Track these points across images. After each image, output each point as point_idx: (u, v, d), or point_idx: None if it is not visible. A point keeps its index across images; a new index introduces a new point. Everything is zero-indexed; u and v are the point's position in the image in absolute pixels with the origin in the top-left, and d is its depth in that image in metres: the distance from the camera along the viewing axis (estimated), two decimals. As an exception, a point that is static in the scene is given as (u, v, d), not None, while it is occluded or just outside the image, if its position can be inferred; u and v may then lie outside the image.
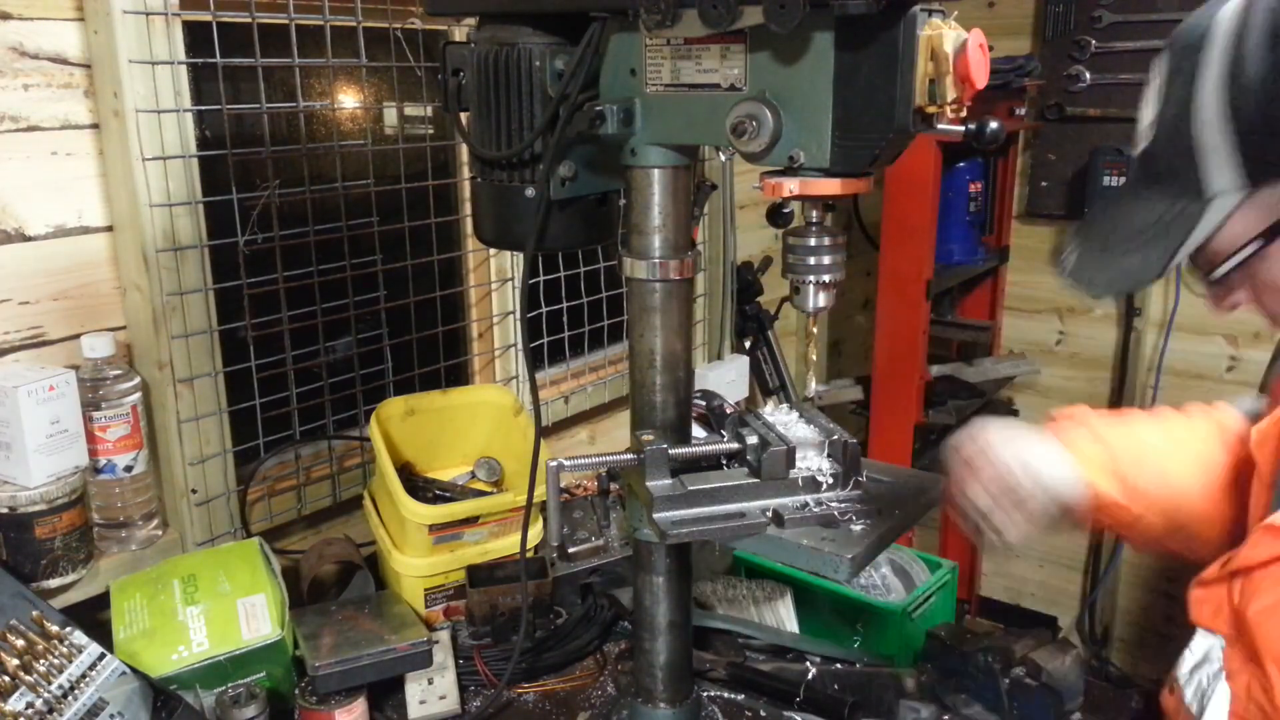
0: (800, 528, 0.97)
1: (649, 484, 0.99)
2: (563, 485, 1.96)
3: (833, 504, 1.00)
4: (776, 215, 1.09)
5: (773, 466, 1.00)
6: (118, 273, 1.46)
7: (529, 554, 1.52)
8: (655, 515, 0.97)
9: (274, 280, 1.60)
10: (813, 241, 0.99)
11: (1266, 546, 0.85)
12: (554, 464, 1.02)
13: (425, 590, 1.49)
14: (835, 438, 1.03)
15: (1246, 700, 0.86)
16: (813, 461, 1.02)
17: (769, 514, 0.98)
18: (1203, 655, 0.93)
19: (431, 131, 1.96)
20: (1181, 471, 1.14)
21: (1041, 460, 1.09)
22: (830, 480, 1.01)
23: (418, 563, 1.48)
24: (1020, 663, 1.31)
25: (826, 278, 1.00)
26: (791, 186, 0.92)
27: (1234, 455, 1.14)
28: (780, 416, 1.08)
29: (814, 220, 0.99)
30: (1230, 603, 0.89)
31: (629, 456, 1.02)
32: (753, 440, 1.02)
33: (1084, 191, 2.99)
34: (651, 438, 1.02)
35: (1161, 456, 1.15)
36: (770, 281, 2.67)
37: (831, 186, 0.92)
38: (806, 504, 1.00)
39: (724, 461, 1.05)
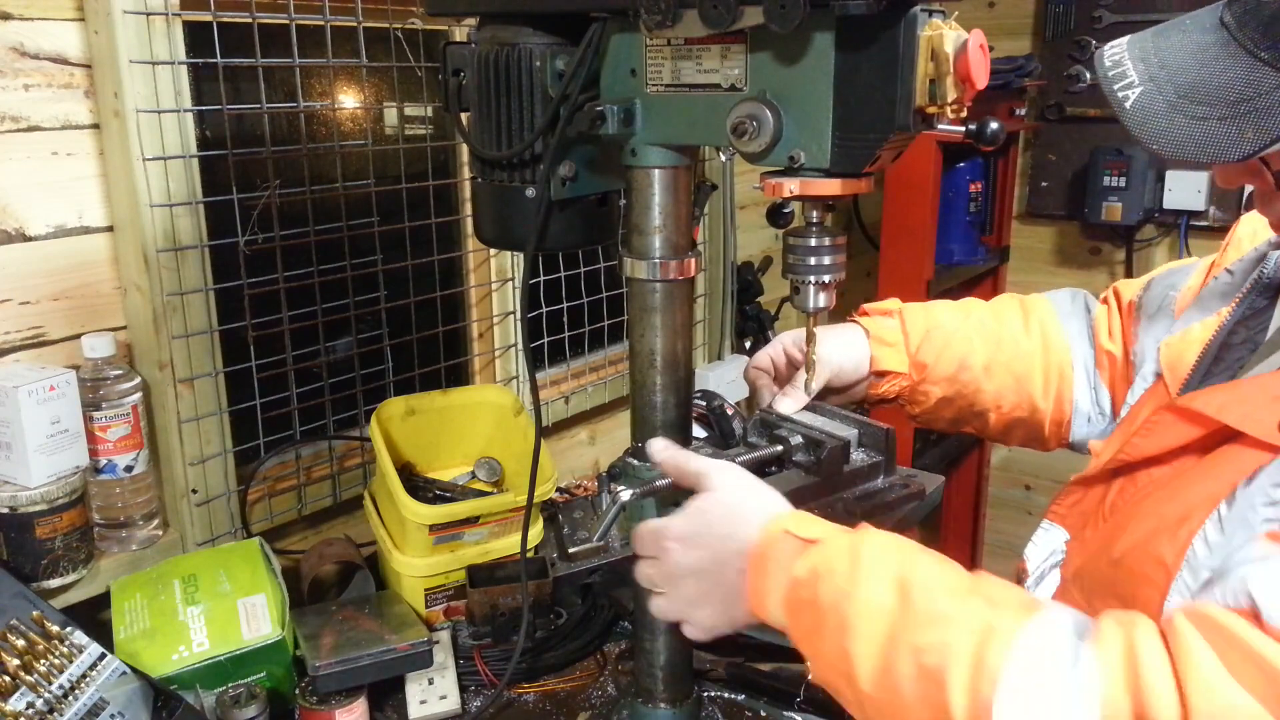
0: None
1: None
2: (562, 485, 1.97)
3: (885, 492, 1.01)
4: (777, 215, 1.09)
5: (832, 464, 1.00)
6: (118, 273, 1.46)
7: (529, 554, 1.52)
8: None
9: (274, 280, 1.60)
10: (813, 241, 0.99)
11: (1161, 435, 0.88)
12: (626, 495, 0.98)
13: (425, 590, 1.49)
14: (872, 429, 1.04)
15: (1064, 593, 0.93)
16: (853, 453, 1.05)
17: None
18: (1049, 549, 1.00)
19: (431, 131, 1.96)
20: (967, 347, 1.22)
21: (829, 337, 1.19)
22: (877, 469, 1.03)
23: (418, 563, 1.48)
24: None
25: (826, 278, 1.00)
26: (792, 186, 0.92)
27: (1041, 343, 1.24)
28: (801, 414, 1.09)
29: (814, 220, 0.99)
30: (1101, 498, 0.94)
31: None
32: (798, 440, 1.02)
33: (1084, 191, 3.00)
34: (710, 451, 1.02)
35: (950, 333, 1.23)
36: (770, 281, 2.67)
37: (831, 187, 0.92)
38: (863, 495, 1.01)
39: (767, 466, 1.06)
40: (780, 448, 1.03)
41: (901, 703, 0.75)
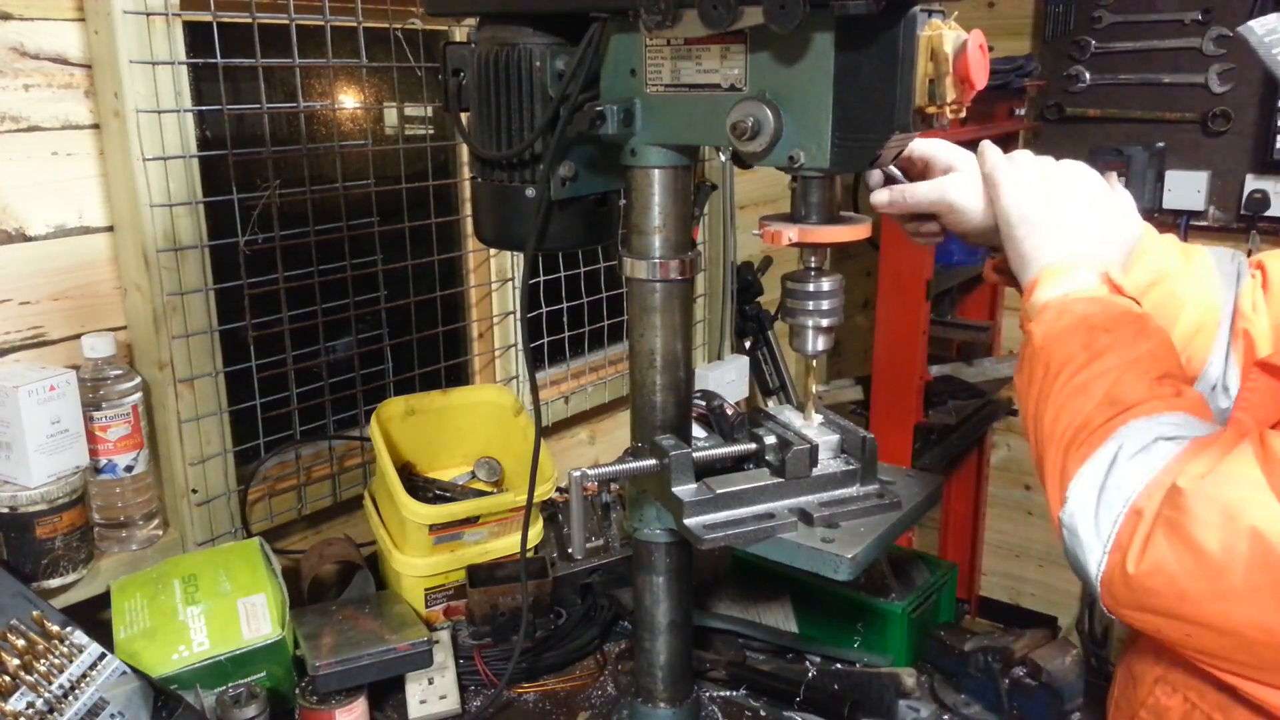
0: (829, 527, 0.98)
1: (676, 489, 0.99)
2: (562, 485, 1.97)
3: (856, 500, 1.00)
4: (738, 158, 1.07)
5: (796, 466, 1.00)
6: (118, 273, 1.46)
7: (529, 554, 1.52)
8: (687, 521, 0.97)
9: (274, 280, 1.60)
10: (811, 286, 0.99)
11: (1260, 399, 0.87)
12: (578, 473, 1.01)
13: (425, 590, 1.49)
14: (852, 434, 1.03)
15: None
16: (831, 459, 1.03)
17: (797, 513, 0.98)
18: None
19: (431, 131, 1.96)
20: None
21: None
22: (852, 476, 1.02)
23: (418, 563, 1.48)
24: (1020, 663, 1.31)
25: (825, 321, 1.00)
26: (790, 235, 0.93)
27: (1195, 288, 1.10)
28: (791, 415, 1.08)
29: (812, 265, 0.99)
30: None
31: (652, 463, 1.02)
32: (771, 440, 1.02)
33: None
34: (673, 442, 1.02)
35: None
36: (770, 281, 2.67)
37: (830, 234, 0.94)
38: (831, 501, 1.00)
39: (743, 463, 1.05)
40: (754, 445, 1.03)
41: (1062, 399, 0.85)
